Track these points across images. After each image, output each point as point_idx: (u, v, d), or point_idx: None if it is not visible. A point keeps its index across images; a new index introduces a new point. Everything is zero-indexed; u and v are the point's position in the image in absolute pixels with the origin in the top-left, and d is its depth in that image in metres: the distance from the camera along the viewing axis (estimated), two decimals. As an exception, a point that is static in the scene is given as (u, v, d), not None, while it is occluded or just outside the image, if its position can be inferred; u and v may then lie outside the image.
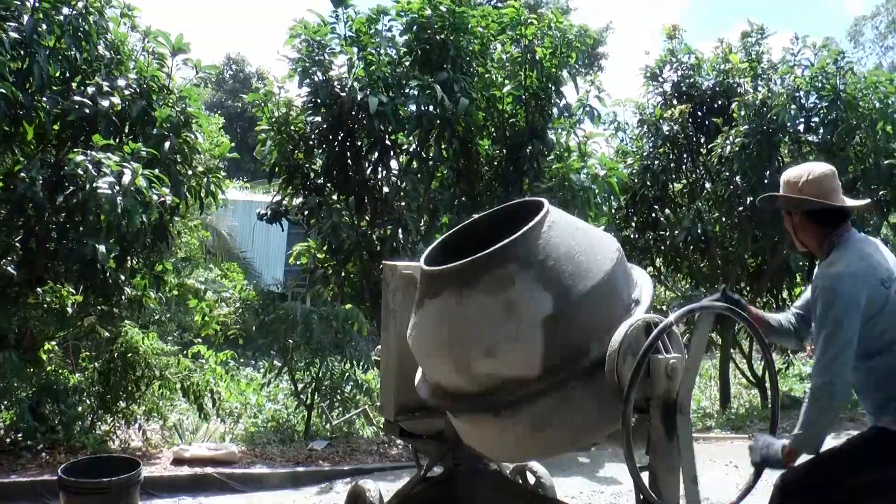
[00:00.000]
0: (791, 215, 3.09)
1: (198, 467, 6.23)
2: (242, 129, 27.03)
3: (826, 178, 3.01)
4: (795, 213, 3.07)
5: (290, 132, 8.18)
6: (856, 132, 9.83)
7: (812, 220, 3.03)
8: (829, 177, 3.02)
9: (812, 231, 3.03)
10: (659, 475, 3.00)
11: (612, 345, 2.96)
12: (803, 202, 3.00)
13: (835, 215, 3.00)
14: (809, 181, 3.00)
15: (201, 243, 14.52)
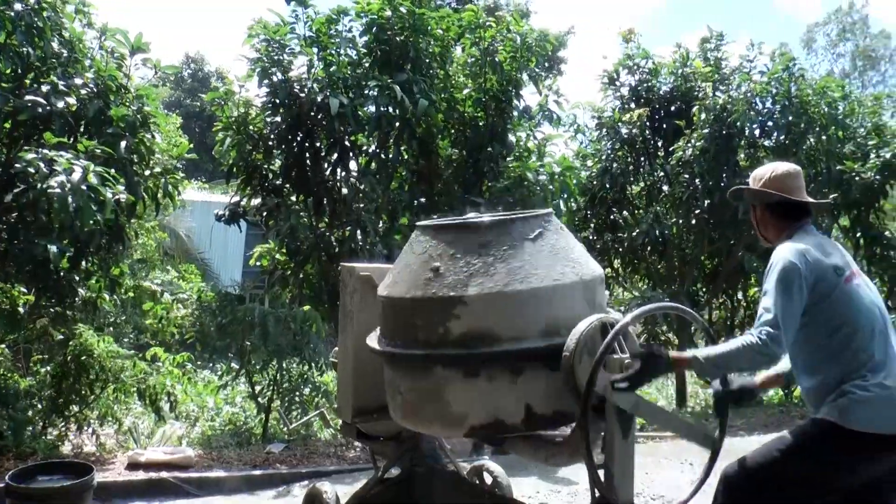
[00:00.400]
0: (755, 209, 3.22)
1: (153, 472, 6.13)
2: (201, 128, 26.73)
3: (790, 175, 3.14)
4: (759, 206, 3.19)
5: (249, 132, 8.12)
6: (807, 136, 10.08)
7: (773, 214, 3.14)
8: (793, 175, 3.15)
9: (773, 224, 3.14)
10: (614, 474, 3.03)
11: (569, 345, 2.99)
12: (766, 195, 3.12)
13: (795, 210, 3.11)
14: (773, 177, 3.13)
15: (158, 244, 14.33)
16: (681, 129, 10.31)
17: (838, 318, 2.85)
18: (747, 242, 10.34)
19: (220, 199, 17.41)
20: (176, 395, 8.11)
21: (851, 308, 2.87)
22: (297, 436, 7.69)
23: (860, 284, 2.96)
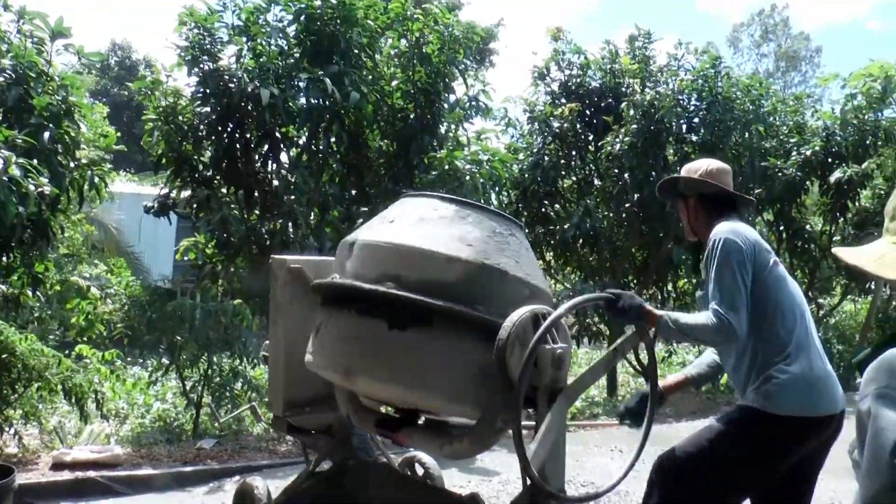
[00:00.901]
0: (687, 200, 3.26)
1: (79, 471, 5.98)
2: (129, 118, 26.00)
3: (724, 171, 3.24)
4: (691, 197, 3.24)
5: (178, 122, 7.96)
6: (732, 133, 10.38)
7: (705, 206, 3.20)
8: (727, 172, 3.26)
9: (704, 217, 3.20)
10: (545, 461, 3.09)
11: (501, 335, 3.02)
12: (704, 184, 3.19)
13: (726, 204, 3.18)
14: (709, 171, 3.21)
15: (86, 238, 13.94)
16: (610, 124, 10.50)
17: (766, 300, 2.92)
18: (676, 235, 10.60)
19: (149, 190, 17.00)
20: (103, 393, 7.91)
21: (779, 291, 2.95)
22: (228, 431, 7.60)
23: (785, 271, 3.06)
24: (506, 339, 2.99)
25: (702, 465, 2.90)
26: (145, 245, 20.56)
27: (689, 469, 2.92)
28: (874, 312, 12.98)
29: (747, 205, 3.37)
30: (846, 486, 5.27)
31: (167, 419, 8.13)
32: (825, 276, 13.57)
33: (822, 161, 11.63)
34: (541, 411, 3.08)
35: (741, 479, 2.90)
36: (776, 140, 11.78)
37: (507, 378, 2.97)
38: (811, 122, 12.39)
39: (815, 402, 2.84)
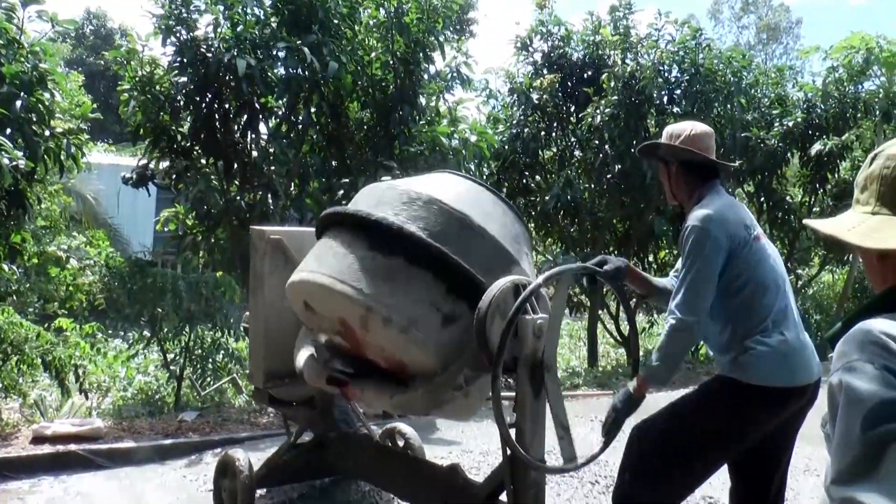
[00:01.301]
0: (668, 166, 3.22)
1: (60, 445, 5.94)
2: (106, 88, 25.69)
3: (706, 135, 3.18)
4: (673, 163, 3.20)
5: (155, 92, 7.83)
6: (714, 104, 10.39)
7: (687, 172, 3.16)
8: (708, 135, 3.20)
9: (685, 182, 3.16)
10: (526, 432, 3.11)
11: (481, 306, 3.03)
12: (684, 151, 3.14)
13: (707, 170, 3.16)
14: (691, 136, 3.16)
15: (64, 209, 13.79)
16: (591, 95, 10.47)
17: (746, 274, 2.93)
18: (657, 206, 10.64)
19: (128, 161, 16.83)
20: (84, 367, 7.88)
21: (759, 265, 2.96)
22: (210, 403, 7.59)
23: (766, 244, 3.06)
24: (486, 309, 3.00)
25: (677, 434, 2.93)
26: (124, 216, 20.41)
27: (664, 439, 2.94)
28: (851, 283, 13.13)
29: (728, 169, 3.35)
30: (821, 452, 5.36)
31: (149, 392, 8.11)
32: (804, 248, 13.71)
33: (802, 133, 11.69)
34: (521, 381, 3.11)
35: (716, 448, 2.93)
36: (757, 112, 11.81)
37: (488, 348, 2.99)
38: (792, 94, 12.43)
39: (791, 372, 2.87)
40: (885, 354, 1.24)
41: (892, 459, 1.14)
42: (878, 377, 1.22)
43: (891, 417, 1.17)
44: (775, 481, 3.05)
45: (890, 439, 1.16)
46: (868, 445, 1.17)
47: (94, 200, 18.52)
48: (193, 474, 5.37)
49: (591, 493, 5.06)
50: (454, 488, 3.56)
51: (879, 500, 1.12)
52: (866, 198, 1.44)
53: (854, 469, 1.18)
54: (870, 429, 1.18)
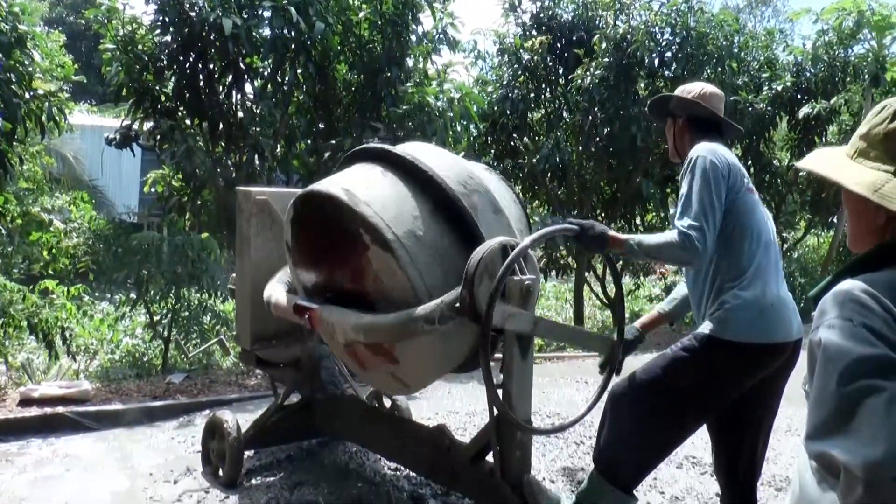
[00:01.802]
0: (675, 120, 3.23)
1: (48, 407, 5.95)
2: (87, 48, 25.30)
3: (716, 96, 3.20)
4: (680, 117, 3.20)
5: (138, 52, 7.72)
6: (704, 67, 10.33)
7: (694, 128, 3.17)
8: (719, 97, 3.21)
9: (690, 138, 3.15)
10: (513, 393, 3.13)
11: (469, 267, 3.03)
12: (694, 105, 3.16)
13: (713, 128, 3.17)
14: (702, 94, 3.17)
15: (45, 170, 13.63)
16: (581, 57, 10.40)
17: (732, 223, 2.91)
18: (645, 169, 10.63)
19: (111, 123, 16.61)
20: (71, 329, 7.84)
21: (746, 216, 2.93)
22: (197, 365, 7.60)
23: (757, 199, 3.05)
24: (474, 270, 3.00)
25: (655, 392, 2.91)
26: (109, 178, 20.26)
27: (642, 399, 2.93)
28: (836, 246, 13.23)
29: (734, 132, 3.33)
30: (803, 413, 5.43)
31: (136, 354, 8.11)
32: (790, 211, 13.77)
33: (791, 97, 11.67)
34: (508, 342, 3.12)
35: (694, 405, 2.92)
36: (747, 75, 11.78)
37: (475, 309, 2.99)
38: (782, 58, 12.40)
39: (768, 328, 2.84)
40: (864, 312, 1.25)
41: (864, 413, 1.16)
42: (856, 334, 1.23)
43: (866, 373, 1.18)
44: (755, 441, 3.06)
45: (864, 395, 1.17)
46: (843, 400, 1.19)
47: (75, 160, 18.32)
48: (182, 436, 5.39)
49: (575, 453, 5.12)
50: (441, 449, 3.59)
51: (850, 453, 1.14)
52: (882, 154, 1.41)
53: (828, 424, 1.20)
54: (845, 384, 1.19)
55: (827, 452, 1.19)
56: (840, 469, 1.16)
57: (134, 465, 4.74)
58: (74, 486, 4.34)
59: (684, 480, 4.64)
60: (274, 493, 4.13)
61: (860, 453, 1.13)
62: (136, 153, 9.04)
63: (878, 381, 1.17)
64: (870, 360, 1.20)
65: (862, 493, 1.11)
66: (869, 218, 1.43)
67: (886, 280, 1.31)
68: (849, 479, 1.14)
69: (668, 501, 4.30)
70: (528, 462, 3.27)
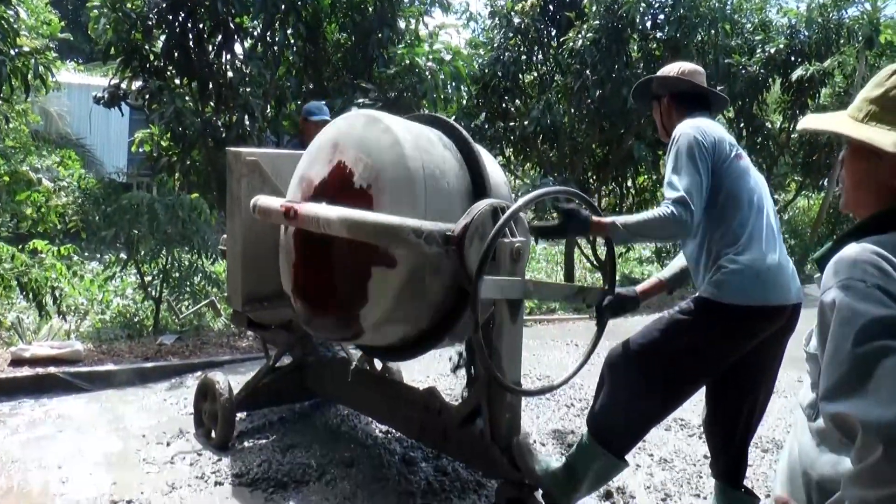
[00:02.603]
0: (660, 101, 3.27)
1: (39, 367, 5.95)
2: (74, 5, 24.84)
3: (696, 71, 3.26)
4: (664, 97, 3.25)
5: (127, 10, 7.60)
6: (697, 30, 10.25)
7: (679, 104, 3.20)
8: (699, 72, 3.27)
9: (677, 115, 3.19)
10: (502, 356, 3.15)
11: (458, 227, 3.03)
12: (678, 82, 3.21)
13: (698, 103, 3.20)
14: (683, 71, 3.24)
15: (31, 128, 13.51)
16: (573, 20, 10.30)
17: (723, 191, 2.93)
18: (637, 131, 10.59)
19: (99, 82, 16.38)
20: (61, 289, 7.82)
21: (738, 181, 2.95)
22: (189, 327, 7.60)
23: (749, 165, 3.05)
24: (464, 231, 2.99)
25: (653, 354, 2.94)
26: (97, 137, 20.05)
27: (638, 362, 2.95)
28: (826, 208, 13.28)
29: (720, 103, 3.33)
30: (790, 374, 5.48)
31: (127, 315, 8.11)
32: (781, 173, 13.79)
33: (785, 59, 11.61)
34: (498, 306, 3.13)
35: (691, 368, 2.95)
36: (741, 38, 11.70)
37: (466, 270, 3.00)
38: (776, 21, 12.31)
39: (765, 291, 2.86)
40: (877, 273, 1.26)
41: (880, 375, 1.17)
42: (870, 295, 1.24)
43: (881, 334, 1.20)
44: (753, 405, 3.08)
45: (880, 356, 1.18)
46: (858, 362, 1.20)
47: (59, 117, 18.09)
48: (174, 397, 5.41)
49: (566, 415, 5.17)
50: (431, 411, 3.62)
51: (867, 414, 1.15)
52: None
53: (845, 385, 1.21)
54: (860, 346, 1.21)
55: (843, 413, 1.19)
56: (857, 430, 1.17)
57: (126, 426, 4.76)
58: (67, 447, 4.36)
59: (673, 442, 4.70)
60: (266, 456, 4.16)
61: (878, 413, 1.14)
62: (124, 112, 8.94)
63: (893, 342, 1.18)
64: (884, 322, 1.21)
65: (882, 453, 1.12)
66: (880, 179, 1.41)
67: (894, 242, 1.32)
68: (867, 439, 1.15)
69: (657, 463, 4.36)
70: (517, 424, 3.30)
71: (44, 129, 15.99)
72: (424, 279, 3.29)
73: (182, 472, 4.02)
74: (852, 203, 1.50)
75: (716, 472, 3.21)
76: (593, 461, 3.00)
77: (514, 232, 3.12)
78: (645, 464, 4.34)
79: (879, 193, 1.42)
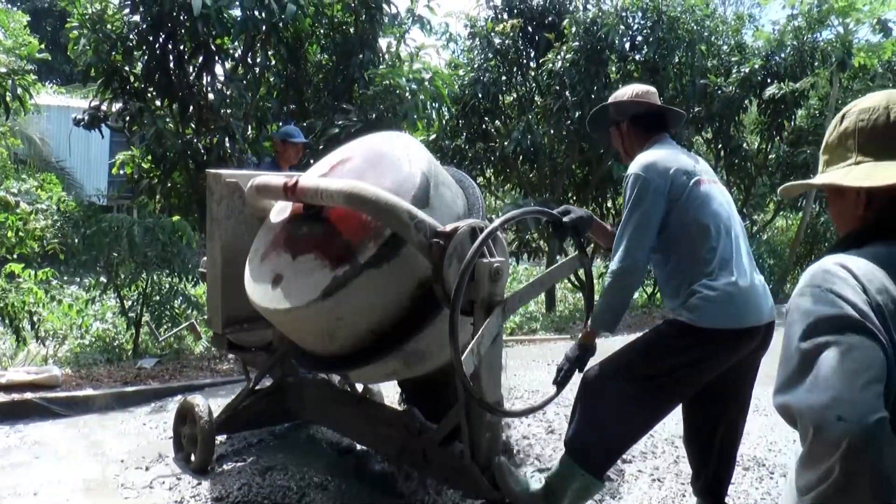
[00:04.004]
0: (619, 126, 3.30)
1: (16, 393, 5.87)
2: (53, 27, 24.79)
3: (651, 93, 3.29)
4: (623, 121, 3.27)
5: (107, 31, 7.59)
6: (675, 51, 10.39)
7: (637, 127, 3.24)
8: (653, 93, 3.31)
9: (636, 138, 3.23)
10: (482, 375, 3.15)
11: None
12: (632, 104, 3.25)
13: (656, 122, 3.24)
14: (637, 93, 3.28)
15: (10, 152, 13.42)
16: (552, 41, 10.41)
17: (689, 220, 2.96)
18: (616, 153, 10.66)
19: (79, 103, 16.34)
20: (39, 314, 7.75)
21: (702, 210, 2.98)
22: (169, 350, 7.55)
23: (711, 189, 3.07)
24: (443, 252, 3.00)
25: (630, 377, 2.96)
26: (77, 160, 19.94)
27: (614, 383, 2.98)
28: (804, 228, 13.41)
29: (677, 118, 3.37)
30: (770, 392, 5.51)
31: (106, 339, 8.03)
32: (759, 193, 13.93)
33: (760, 80, 11.77)
34: (477, 324, 3.13)
35: (669, 389, 2.97)
36: (717, 59, 11.86)
37: (444, 290, 3.00)
38: (751, 43, 12.49)
39: (740, 314, 2.90)
40: (831, 279, 1.36)
41: (819, 366, 1.26)
42: (821, 297, 1.34)
43: (825, 331, 1.29)
44: (727, 422, 3.11)
45: (821, 349, 1.28)
46: (803, 356, 1.30)
47: (42, 142, 18.01)
48: (153, 421, 5.36)
49: (549, 437, 5.17)
50: (411, 431, 3.61)
51: (801, 401, 1.26)
52: (842, 153, 1.55)
53: (790, 378, 1.31)
54: (805, 341, 1.31)
55: (785, 403, 1.29)
56: (797, 418, 1.26)
57: (105, 451, 4.71)
58: (43, 474, 4.30)
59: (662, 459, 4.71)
60: (246, 479, 4.12)
61: (811, 399, 1.24)
62: (104, 134, 8.91)
63: (835, 337, 1.28)
64: (829, 319, 1.30)
65: (812, 434, 1.22)
66: (850, 212, 1.56)
67: (864, 253, 1.42)
68: (802, 423, 1.25)
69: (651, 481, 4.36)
70: (498, 445, 3.30)
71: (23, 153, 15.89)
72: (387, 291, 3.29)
73: (161, 496, 3.98)
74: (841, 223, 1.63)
75: (697, 489, 3.22)
76: (572, 481, 3.01)
77: (492, 252, 3.13)
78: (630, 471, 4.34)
79: (851, 223, 1.56)
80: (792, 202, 13.96)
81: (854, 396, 1.20)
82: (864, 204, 1.52)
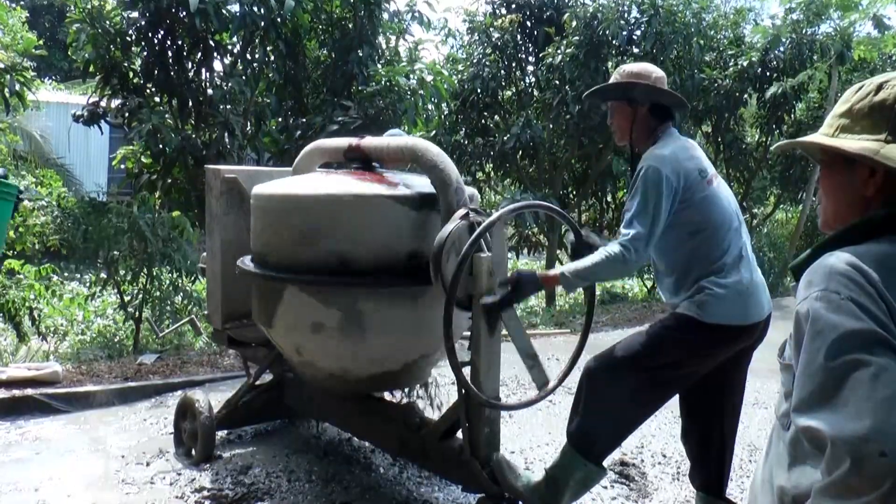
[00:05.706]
0: (636, 108, 3.14)
1: (17, 389, 5.88)
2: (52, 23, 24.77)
3: (664, 79, 3.19)
4: (644, 104, 3.12)
5: (106, 27, 7.58)
6: (673, 45, 10.39)
7: (654, 115, 3.14)
8: (665, 79, 3.21)
9: (648, 124, 3.13)
10: (480, 370, 3.16)
11: (436, 244, 3.05)
12: (663, 94, 3.12)
13: (667, 112, 3.17)
14: (660, 77, 3.15)
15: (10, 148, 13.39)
16: (552, 36, 10.41)
17: (700, 219, 2.98)
18: (616, 147, 10.68)
19: (78, 100, 16.31)
20: (40, 310, 7.75)
21: (712, 209, 2.99)
22: (169, 346, 7.56)
23: (719, 185, 3.08)
24: (441, 246, 3.01)
25: (634, 369, 2.98)
26: (77, 156, 19.90)
27: (620, 374, 3.00)
28: (804, 221, 13.41)
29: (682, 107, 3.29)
30: (769, 386, 5.53)
31: (107, 335, 8.04)
32: (759, 187, 13.92)
33: (759, 74, 11.76)
34: (475, 319, 3.14)
35: (671, 380, 3.02)
36: (715, 52, 11.85)
37: (443, 284, 3.02)
38: (748, 38, 12.47)
39: (746, 310, 2.96)
40: (851, 286, 1.27)
41: (850, 388, 1.18)
42: (844, 307, 1.24)
43: (853, 348, 1.20)
44: (724, 414, 3.15)
45: (850, 369, 1.19)
46: (830, 375, 1.21)
47: (42, 139, 17.97)
48: (154, 417, 5.37)
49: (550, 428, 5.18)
50: (410, 426, 3.62)
51: (836, 428, 1.16)
52: (868, 126, 1.42)
53: (815, 398, 1.22)
54: (832, 359, 1.21)
55: (813, 427, 1.20)
56: (826, 443, 1.17)
57: (106, 447, 4.72)
58: (45, 469, 4.32)
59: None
60: (246, 473, 4.14)
61: (846, 427, 1.15)
62: (104, 131, 8.91)
63: (864, 356, 1.19)
64: (857, 335, 1.21)
65: (849, 467, 1.13)
66: (855, 190, 1.44)
67: (871, 253, 1.33)
68: (835, 452, 1.15)
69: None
70: (497, 438, 3.31)
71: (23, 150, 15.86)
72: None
73: (162, 492, 3.99)
74: (831, 220, 1.51)
75: (697, 482, 3.24)
76: (574, 472, 3.03)
77: (489, 246, 3.14)
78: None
79: (855, 205, 1.44)
80: (792, 195, 13.95)
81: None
82: (877, 186, 1.40)
